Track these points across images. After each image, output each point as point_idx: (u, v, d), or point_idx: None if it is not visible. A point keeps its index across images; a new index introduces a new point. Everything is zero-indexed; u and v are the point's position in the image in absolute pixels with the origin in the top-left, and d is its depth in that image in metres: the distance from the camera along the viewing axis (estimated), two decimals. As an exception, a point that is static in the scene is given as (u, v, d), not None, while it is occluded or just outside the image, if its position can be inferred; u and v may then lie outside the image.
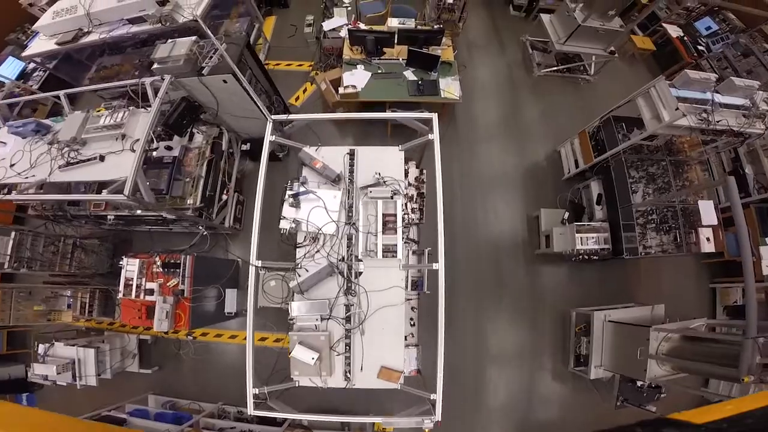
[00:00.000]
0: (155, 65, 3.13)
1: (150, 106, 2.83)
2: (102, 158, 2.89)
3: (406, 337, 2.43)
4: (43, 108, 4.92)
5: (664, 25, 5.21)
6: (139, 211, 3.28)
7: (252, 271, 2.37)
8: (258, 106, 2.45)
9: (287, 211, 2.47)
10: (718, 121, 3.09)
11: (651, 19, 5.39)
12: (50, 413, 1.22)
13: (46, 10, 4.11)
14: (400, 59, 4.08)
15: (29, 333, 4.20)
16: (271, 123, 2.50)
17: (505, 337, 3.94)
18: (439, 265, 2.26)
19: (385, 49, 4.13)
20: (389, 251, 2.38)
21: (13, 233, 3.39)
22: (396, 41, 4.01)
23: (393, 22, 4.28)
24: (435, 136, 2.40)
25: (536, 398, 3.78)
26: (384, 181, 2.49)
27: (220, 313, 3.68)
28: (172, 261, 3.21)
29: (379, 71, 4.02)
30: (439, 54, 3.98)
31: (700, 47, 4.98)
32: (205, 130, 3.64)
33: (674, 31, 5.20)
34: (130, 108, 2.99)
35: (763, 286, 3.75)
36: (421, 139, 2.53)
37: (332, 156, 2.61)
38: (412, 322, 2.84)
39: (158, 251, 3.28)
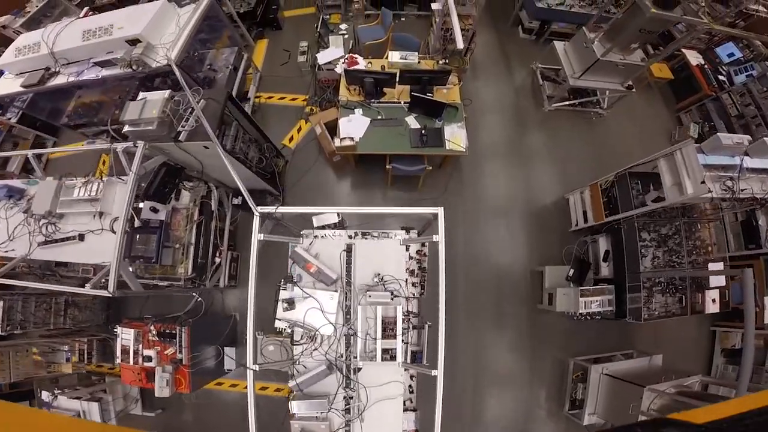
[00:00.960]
0: (126, 128, 2.82)
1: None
2: (81, 238, 2.69)
3: (405, 402, 2.46)
4: (25, 143, 4.61)
5: (683, 50, 4.77)
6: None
7: (250, 375, 2.25)
8: (244, 194, 2.20)
9: (282, 313, 2.33)
10: (742, 190, 2.84)
11: (667, 39, 4.93)
12: (53, 414, 1.12)
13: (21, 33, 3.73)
14: (402, 102, 3.72)
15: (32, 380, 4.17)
16: (258, 218, 2.27)
17: (503, 379, 3.89)
18: (438, 372, 2.14)
19: (385, 89, 3.77)
20: (388, 354, 2.30)
21: (0, 302, 3.24)
22: (397, 80, 3.64)
23: (394, 57, 3.88)
24: (440, 236, 2.17)
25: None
26: (383, 283, 2.32)
27: (220, 369, 3.63)
28: (168, 331, 3.11)
29: (379, 117, 3.68)
30: (445, 100, 3.62)
31: (721, 77, 4.58)
32: (193, 187, 3.38)
33: (694, 58, 4.77)
34: (104, 179, 2.76)
35: (763, 333, 3.69)
36: (423, 238, 2.32)
37: (328, 251, 2.42)
38: (411, 389, 2.77)
39: (153, 319, 3.15)
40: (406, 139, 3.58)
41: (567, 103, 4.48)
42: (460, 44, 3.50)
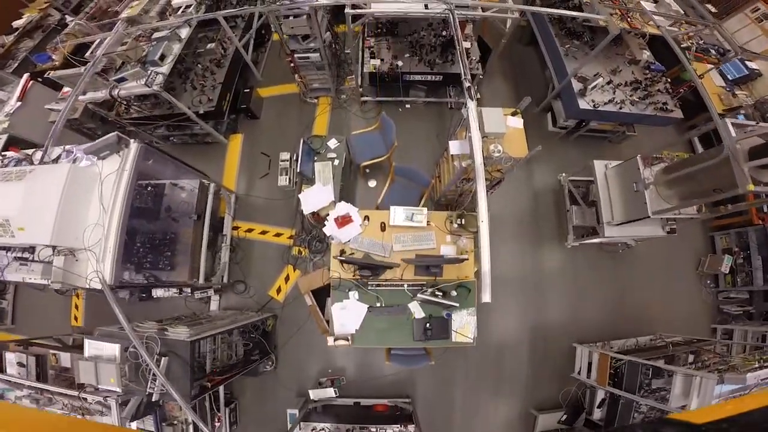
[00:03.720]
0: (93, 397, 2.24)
1: None
2: None
3: None
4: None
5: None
6: None
7: None
8: None
9: None
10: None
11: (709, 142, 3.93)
12: (50, 413, 1.18)
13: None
14: (405, 286, 3.00)
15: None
16: None
17: None
18: None
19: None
20: None
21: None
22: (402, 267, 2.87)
23: (398, 217, 2.98)
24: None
25: None
26: None
27: None
28: None
29: (378, 305, 2.99)
30: (456, 278, 2.92)
31: (775, 202, 3.75)
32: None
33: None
34: None
35: None
36: None
37: None
38: None
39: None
40: (409, 330, 2.97)
41: (594, 241, 3.71)
42: (484, 215, 2.50)
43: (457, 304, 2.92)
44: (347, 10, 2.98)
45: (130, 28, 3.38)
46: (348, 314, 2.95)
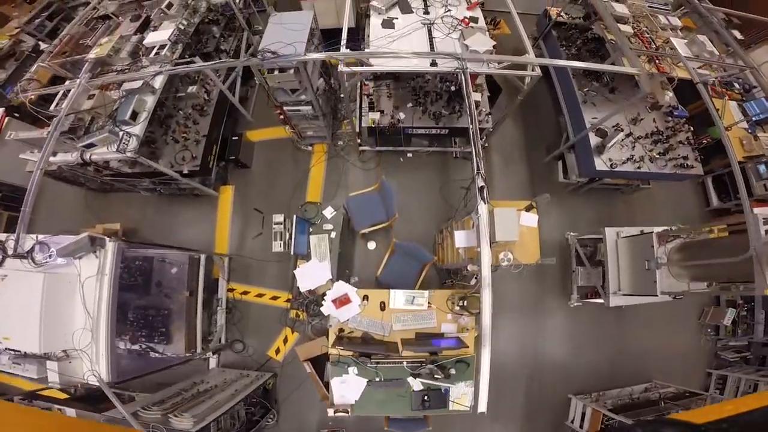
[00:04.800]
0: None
1: None
2: None
3: None
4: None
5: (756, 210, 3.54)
6: None
7: None
8: None
9: None
10: None
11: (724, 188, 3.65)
12: (52, 414, 1.21)
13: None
14: (405, 364, 2.90)
15: None
16: None
17: None
18: None
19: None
20: None
21: None
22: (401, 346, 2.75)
23: (397, 300, 2.83)
24: None
25: None
26: None
27: None
28: None
29: (378, 379, 2.91)
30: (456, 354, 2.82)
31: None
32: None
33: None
34: None
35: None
36: None
37: None
38: None
39: None
40: (407, 401, 2.92)
41: (597, 301, 3.56)
42: (488, 323, 2.40)
43: (455, 385, 2.87)
44: (341, 68, 2.58)
45: (94, 80, 2.94)
46: (347, 387, 2.89)
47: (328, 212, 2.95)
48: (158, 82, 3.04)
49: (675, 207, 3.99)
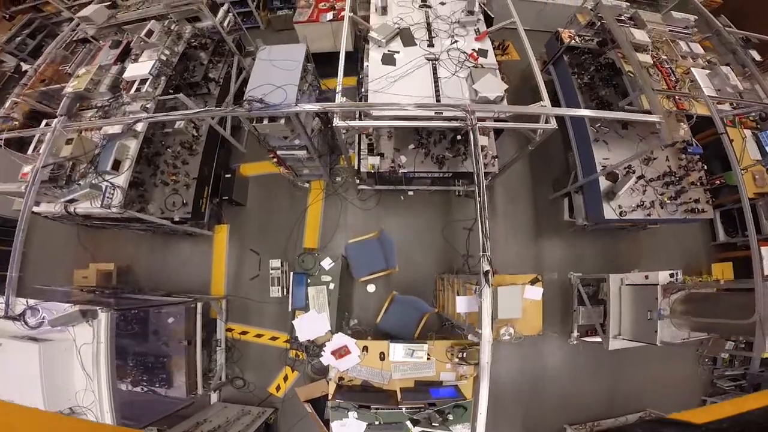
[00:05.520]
0: None
1: None
2: None
3: None
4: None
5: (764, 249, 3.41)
6: None
7: None
8: None
9: None
10: None
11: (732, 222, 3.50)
12: (53, 414, 1.23)
13: None
14: (404, 409, 2.89)
15: None
16: None
17: None
18: None
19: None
20: None
21: None
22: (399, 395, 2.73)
23: (397, 353, 2.78)
24: None
25: None
26: None
27: None
28: None
29: (377, 423, 2.92)
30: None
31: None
32: None
33: None
34: None
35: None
36: None
37: None
38: None
39: None
40: None
41: (595, 340, 3.51)
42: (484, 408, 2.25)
43: (452, 430, 2.88)
44: (336, 123, 2.36)
45: (70, 125, 2.72)
46: (347, 431, 2.92)
47: (326, 263, 2.83)
48: (140, 126, 2.82)
49: (681, 241, 3.87)
